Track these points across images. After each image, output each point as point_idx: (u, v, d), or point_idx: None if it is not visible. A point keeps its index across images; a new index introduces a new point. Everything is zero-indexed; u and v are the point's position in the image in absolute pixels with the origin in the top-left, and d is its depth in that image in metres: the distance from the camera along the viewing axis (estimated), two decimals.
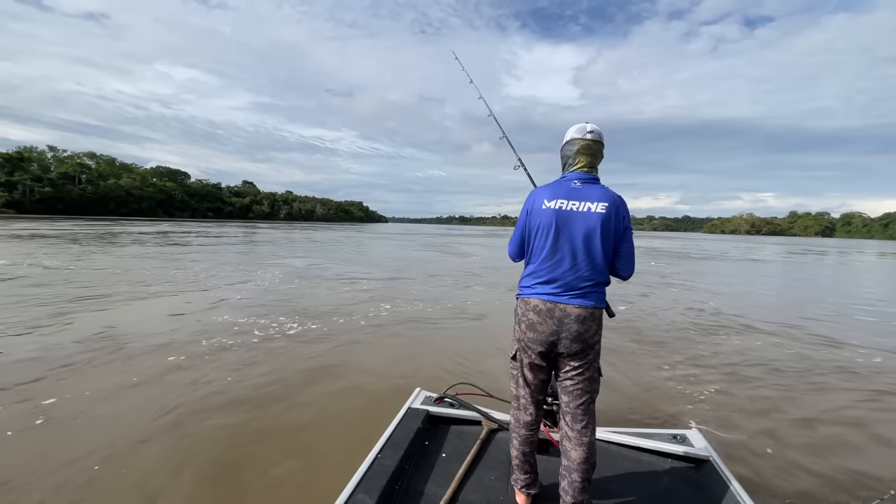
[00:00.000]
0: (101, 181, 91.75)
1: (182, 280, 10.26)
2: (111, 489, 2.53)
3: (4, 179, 73.79)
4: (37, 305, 6.98)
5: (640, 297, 9.75)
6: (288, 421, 3.39)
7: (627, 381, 4.41)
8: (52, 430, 3.17)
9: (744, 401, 4.01)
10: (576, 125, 1.90)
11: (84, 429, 3.22)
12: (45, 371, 4.24)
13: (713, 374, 4.70)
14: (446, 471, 2.08)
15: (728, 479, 2.00)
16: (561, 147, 1.95)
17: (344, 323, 6.54)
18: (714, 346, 5.79)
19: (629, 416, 3.60)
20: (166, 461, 2.80)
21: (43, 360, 4.53)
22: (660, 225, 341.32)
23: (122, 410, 3.50)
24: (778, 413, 3.76)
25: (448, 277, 12.64)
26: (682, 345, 5.84)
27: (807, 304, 9.61)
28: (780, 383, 4.47)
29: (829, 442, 3.30)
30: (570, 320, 1.72)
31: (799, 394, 4.21)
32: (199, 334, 5.63)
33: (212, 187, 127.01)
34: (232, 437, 3.11)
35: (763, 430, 3.42)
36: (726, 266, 19.84)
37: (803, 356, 5.44)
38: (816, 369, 4.95)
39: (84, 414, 3.42)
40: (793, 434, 3.38)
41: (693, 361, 5.10)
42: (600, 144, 1.88)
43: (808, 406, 3.94)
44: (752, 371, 4.82)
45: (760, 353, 5.51)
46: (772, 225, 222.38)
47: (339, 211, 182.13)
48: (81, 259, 13.57)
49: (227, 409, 3.55)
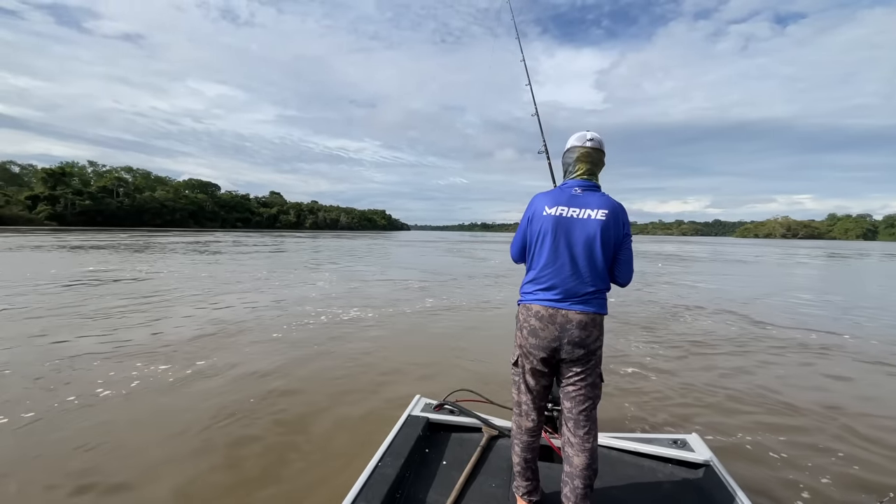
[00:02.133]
0: (138, 194, 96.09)
1: (258, 279, 12.52)
2: (243, 397, 3.89)
3: (48, 193, 78.19)
4: (177, 298, 8.98)
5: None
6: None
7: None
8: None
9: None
10: (576, 133, 1.92)
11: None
12: (217, 329, 6.39)
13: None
14: (447, 478, 2.08)
15: (728, 483, 1.99)
16: (562, 155, 1.98)
17: (414, 311, 8.29)
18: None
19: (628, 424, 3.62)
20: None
21: (219, 325, 6.67)
22: (689, 229, 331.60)
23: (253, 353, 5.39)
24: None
25: (478, 278, 14.35)
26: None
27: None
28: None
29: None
30: (571, 326, 1.73)
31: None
32: (296, 317, 7.43)
33: (240, 198, 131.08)
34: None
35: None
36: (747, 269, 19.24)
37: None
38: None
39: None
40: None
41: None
42: (600, 152, 1.89)
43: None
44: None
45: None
46: (809, 228, 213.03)
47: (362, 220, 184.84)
48: (166, 266, 15.59)
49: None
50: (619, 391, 4.20)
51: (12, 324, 6.44)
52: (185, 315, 7.32)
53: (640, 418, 3.63)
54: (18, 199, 77.16)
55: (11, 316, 6.93)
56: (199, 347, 5.44)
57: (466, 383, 3.30)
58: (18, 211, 73.23)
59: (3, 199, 73.98)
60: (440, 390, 3.11)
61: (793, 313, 8.63)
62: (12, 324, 6.44)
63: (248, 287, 10.81)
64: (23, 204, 75.89)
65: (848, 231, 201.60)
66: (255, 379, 4.39)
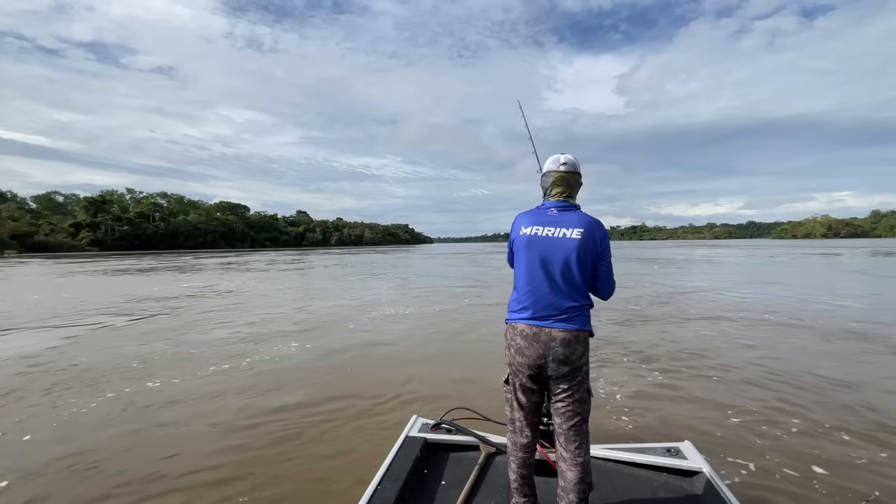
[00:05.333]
0: (172, 218, 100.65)
1: (338, 289, 14.71)
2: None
3: (89, 221, 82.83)
4: (289, 301, 11.59)
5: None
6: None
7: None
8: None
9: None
10: (551, 157, 1.99)
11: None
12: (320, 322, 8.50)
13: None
14: (446, 498, 2.08)
15: (721, 490, 1.99)
16: (540, 178, 2.04)
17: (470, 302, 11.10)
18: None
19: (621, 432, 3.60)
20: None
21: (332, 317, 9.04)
22: (721, 232, 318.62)
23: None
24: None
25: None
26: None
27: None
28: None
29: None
30: (555, 344, 1.77)
31: None
32: (381, 319, 8.90)
33: (269, 218, 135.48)
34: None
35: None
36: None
37: None
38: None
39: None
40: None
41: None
42: (575, 175, 1.95)
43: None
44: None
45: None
46: (851, 226, 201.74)
47: (386, 234, 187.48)
48: (251, 281, 18.02)
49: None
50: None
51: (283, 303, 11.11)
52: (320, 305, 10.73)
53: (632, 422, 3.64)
54: (62, 226, 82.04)
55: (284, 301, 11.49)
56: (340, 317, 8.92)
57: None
58: (62, 238, 77.87)
59: (49, 228, 78.84)
60: (443, 406, 3.19)
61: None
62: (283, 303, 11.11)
63: (336, 292, 13.52)
64: (66, 231, 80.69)
65: (894, 228, 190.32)
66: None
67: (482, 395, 4.22)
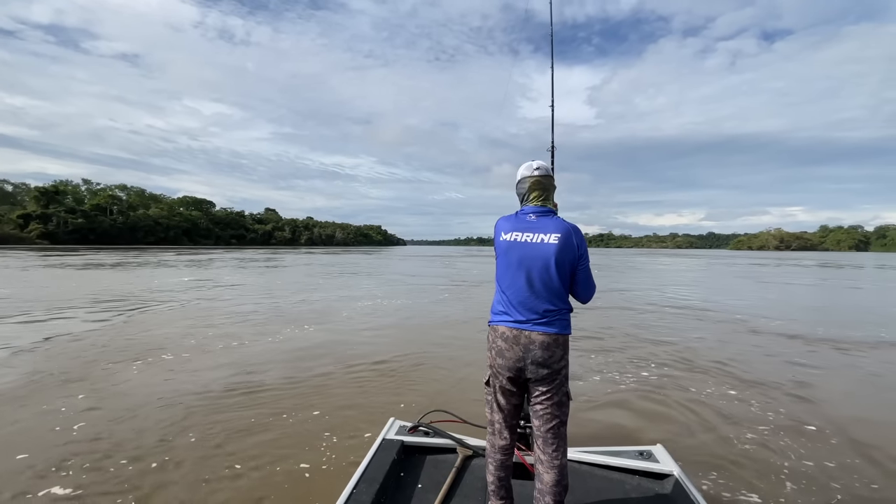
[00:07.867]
0: (132, 212, 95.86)
1: (331, 286, 15.63)
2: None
3: (40, 212, 77.87)
4: (292, 292, 13.08)
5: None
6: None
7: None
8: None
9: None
10: (524, 164, 2.03)
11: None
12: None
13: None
14: (423, 502, 2.08)
15: (691, 492, 2.06)
16: (515, 185, 2.07)
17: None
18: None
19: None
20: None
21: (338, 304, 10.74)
22: (683, 242, 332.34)
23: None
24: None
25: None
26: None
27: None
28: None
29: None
30: (534, 347, 1.79)
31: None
32: (374, 311, 10.20)
33: (235, 215, 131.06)
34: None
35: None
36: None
37: None
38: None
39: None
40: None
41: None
42: (549, 178, 2.00)
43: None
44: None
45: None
46: (802, 240, 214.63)
47: (358, 235, 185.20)
48: (250, 277, 18.89)
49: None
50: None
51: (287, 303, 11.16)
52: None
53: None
54: (10, 217, 76.78)
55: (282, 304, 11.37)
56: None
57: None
58: (10, 230, 72.82)
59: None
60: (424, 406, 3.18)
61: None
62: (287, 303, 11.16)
63: (325, 287, 15.07)
64: (14, 223, 75.51)
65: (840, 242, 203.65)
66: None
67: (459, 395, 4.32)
